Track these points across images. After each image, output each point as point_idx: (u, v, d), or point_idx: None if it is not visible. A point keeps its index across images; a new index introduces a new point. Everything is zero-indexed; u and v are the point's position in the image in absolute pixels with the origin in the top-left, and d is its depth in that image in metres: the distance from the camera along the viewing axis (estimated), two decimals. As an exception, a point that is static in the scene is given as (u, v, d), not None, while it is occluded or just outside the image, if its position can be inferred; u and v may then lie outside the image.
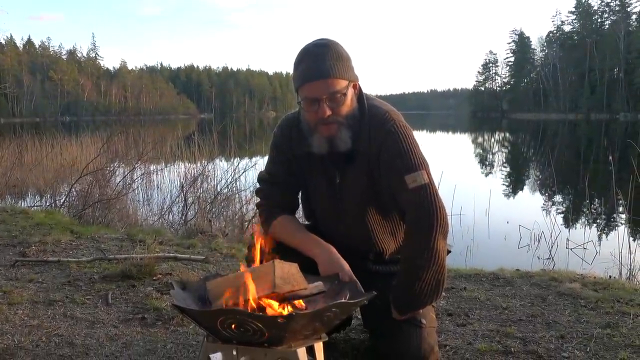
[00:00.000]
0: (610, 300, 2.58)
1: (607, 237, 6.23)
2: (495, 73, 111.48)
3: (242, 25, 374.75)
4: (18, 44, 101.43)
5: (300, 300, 1.52)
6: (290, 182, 1.89)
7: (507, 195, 10.17)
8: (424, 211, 1.65)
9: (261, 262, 1.65)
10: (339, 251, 1.76)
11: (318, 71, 1.63)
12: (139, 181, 8.24)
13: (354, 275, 1.69)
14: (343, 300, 1.49)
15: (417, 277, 1.67)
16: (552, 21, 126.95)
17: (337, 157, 1.79)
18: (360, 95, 1.78)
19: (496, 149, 25.07)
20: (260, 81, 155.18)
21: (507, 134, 38.10)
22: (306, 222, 2.03)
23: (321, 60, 1.64)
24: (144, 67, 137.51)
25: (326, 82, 1.64)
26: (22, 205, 6.85)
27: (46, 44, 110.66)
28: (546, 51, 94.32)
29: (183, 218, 6.18)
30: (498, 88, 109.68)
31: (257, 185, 1.95)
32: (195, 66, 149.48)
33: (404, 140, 1.71)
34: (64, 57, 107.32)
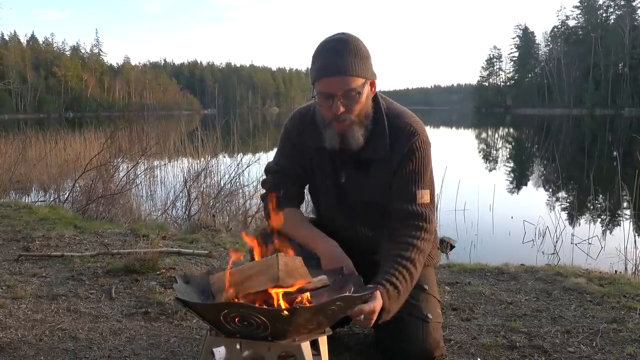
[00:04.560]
0: (616, 295, 2.56)
1: (612, 232, 6.21)
2: (499, 68, 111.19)
3: (245, 20, 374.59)
4: (22, 40, 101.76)
5: (306, 294, 1.51)
6: (298, 174, 1.88)
7: (512, 191, 10.14)
8: (430, 226, 1.72)
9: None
10: (343, 247, 1.75)
11: (335, 67, 1.62)
12: (143, 176, 8.24)
13: (356, 272, 1.68)
14: (347, 294, 1.48)
15: (413, 281, 1.69)
16: (557, 16, 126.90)
17: (347, 157, 1.77)
18: (375, 95, 1.77)
19: (500, 145, 25.01)
20: (263, 77, 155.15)
21: (511, 130, 38.00)
22: (312, 216, 2.02)
23: (339, 56, 1.62)
24: (148, 63, 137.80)
25: (342, 79, 1.62)
26: (26, 200, 6.87)
27: (50, 40, 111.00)
28: (550, 46, 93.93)
29: (186, 213, 6.18)
30: (502, 83, 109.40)
31: (264, 176, 1.94)
32: (199, 62, 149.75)
33: (424, 158, 1.76)
34: (67, 53, 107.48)
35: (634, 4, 78.19)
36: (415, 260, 1.67)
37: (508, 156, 18.66)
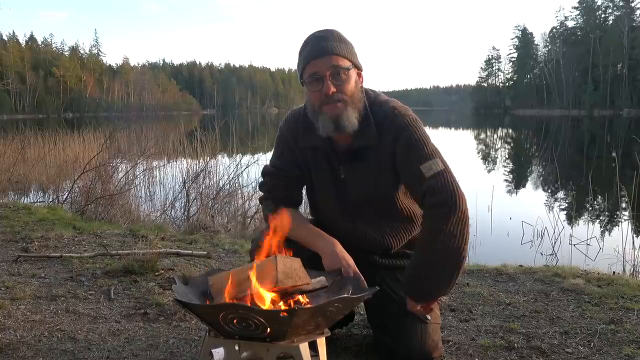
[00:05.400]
0: (614, 296, 2.57)
1: (610, 233, 6.22)
2: (498, 69, 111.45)
3: (244, 21, 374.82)
4: (20, 41, 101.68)
5: (303, 295, 1.52)
6: (295, 176, 1.89)
7: (510, 191, 10.15)
8: (440, 196, 1.64)
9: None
10: (343, 246, 1.75)
11: (321, 49, 1.68)
12: (142, 177, 8.24)
13: (357, 270, 1.68)
14: (346, 295, 1.49)
15: (429, 260, 1.65)
16: (556, 17, 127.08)
17: (342, 153, 1.79)
18: (362, 89, 1.79)
19: (499, 145, 25.02)
20: (262, 77, 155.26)
21: (510, 130, 38.03)
22: (310, 217, 2.02)
23: (324, 41, 1.70)
24: (147, 64, 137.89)
25: (329, 59, 1.67)
26: (25, 201, 6.86)
27: (49, 40, 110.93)
28: (549, 47, 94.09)
29: (185, 214, 6.18)
30: (501, 84, 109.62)
31: (261, 179, 1.95)
32: (198, 62, 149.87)
33: (415, 133, 1.73)
34: (66, 53, 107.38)
35: (632, 4, 78.38)
36: (427, 240, 1.65)
37: (507, 157, 18.67)
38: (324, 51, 1.67)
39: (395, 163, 1.74)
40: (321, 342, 1.59)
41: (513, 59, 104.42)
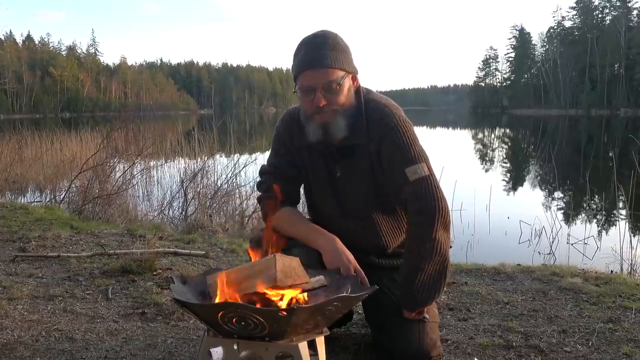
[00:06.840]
0: (612, 295, 2.57)
1: (607, 232, 6.22)
2: (496, 69, 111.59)
3: (242, 20, 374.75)
4: (17, 40, 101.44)
5: (302, 294, 1.51)
6: (293, 175, 1.89)
7: (508, 191, 10.17)
8: (424, 203, 1.67)
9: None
10: None
11: (314, 60, 1.65)
12: (139, 177, 8.22)
13: (358, 266, 1.68)
14: (345, 294, 1.49)
15: (419, 269, 1.67)
16: (553, 17, 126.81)
17: (336, 150, 1.79)
18: (358, 89, 1.79)
19: (496, 145, 25.06)
20: (260, 77, 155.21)
21: (508, 130, 38.07)
22: (308, 217, 2.02)
23: (318, 50, 1.66)
24: (144, 63, 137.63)
25: (322, 72, 1.65)
26: (22, 200, 6.85)
27: (45, 40, 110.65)
28: (547, 47, 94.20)
29: (183, 213, 6.17)
30: (498, 84, 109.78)
31: (259, 178, 1.95)
32: (195, 62, 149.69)
33: (403, 135, 1.72)
34: (63, 53, 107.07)
35: (629, 5, 78.56)
36: (414, 247, 1.69)
37: (504, 157, 18.70)
38: (316, 63, 1.64)
39: (381, 162, 1.75)
40: (320, 341, 1.59)
41: (510, 59, 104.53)
